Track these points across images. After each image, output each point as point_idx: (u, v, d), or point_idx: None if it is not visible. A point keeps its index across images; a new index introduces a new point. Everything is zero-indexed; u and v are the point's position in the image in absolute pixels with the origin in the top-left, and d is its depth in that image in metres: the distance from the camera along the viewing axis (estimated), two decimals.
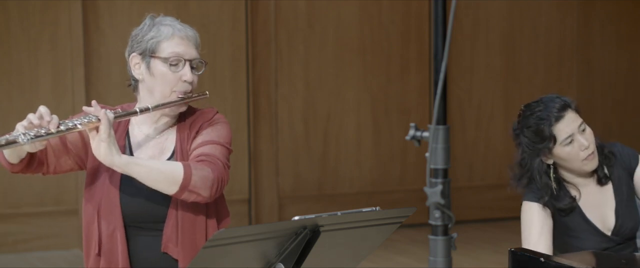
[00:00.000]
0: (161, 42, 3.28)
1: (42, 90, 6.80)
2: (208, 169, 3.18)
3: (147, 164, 3.16)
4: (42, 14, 6.77)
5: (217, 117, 3.40)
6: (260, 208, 7.36)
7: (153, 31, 3.31)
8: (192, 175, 3.14)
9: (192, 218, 3.27)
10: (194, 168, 3.16)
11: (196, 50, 3.34)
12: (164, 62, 3.27)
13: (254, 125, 7.31)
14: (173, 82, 3.28)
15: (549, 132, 3.63)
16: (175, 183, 3.15)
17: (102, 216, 3.29)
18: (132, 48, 3.33)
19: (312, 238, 2.78)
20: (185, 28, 3.33)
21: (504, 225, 7.73)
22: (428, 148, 2.23)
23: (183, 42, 3.30)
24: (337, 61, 7.46)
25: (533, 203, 3.68)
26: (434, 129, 2.21)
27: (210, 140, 3.29)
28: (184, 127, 3.37)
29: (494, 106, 7.90)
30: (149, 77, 3.30)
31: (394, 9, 7.55)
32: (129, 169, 3.14)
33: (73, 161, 3.33)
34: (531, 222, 3.67)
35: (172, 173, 3.14)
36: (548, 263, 3.17)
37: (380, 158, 7.62)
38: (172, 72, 3.28)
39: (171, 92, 3.29)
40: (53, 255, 6.75)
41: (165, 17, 3.37)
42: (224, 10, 7.16)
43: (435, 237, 2.25)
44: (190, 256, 3.25)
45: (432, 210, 2.23)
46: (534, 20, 7.90)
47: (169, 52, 3.27)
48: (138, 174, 3.15)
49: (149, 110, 3.25)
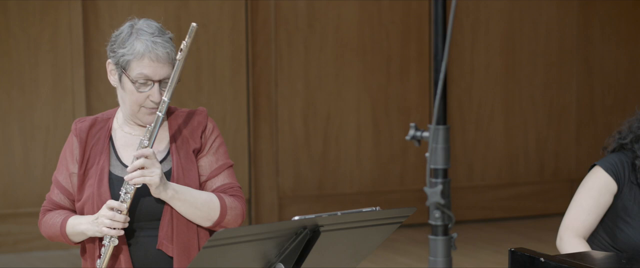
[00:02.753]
0: (131, 62, 3.25)
1: (42, 90, 6.80)
2: (239, 205, 3.35)
3: (191, 200, 3.27)
4: (42, 14, 6.77)
5: (211, 124, 3.43)
6: (260, 208, 7.36)
7: (127, 45, 3.27)
8: (226, 215, 3.30)
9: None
10: (229, 207, 3.31)
11: (168, 67, 3.27)
12: (132, 82, 3.27)
13: (254, 125, 7.31)
14: (141, 100, 3.29)
15: None
16: (210, 220, 3.31)
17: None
18: (108, 52, 3.34)
19: (312, 238, 2.78)
20: (157, 46, 3.26)
21: (504, 225, 7.73)
22: (428, 148, 2.23)
23: (152, 64, 3.25)
24: (337, 61, 7.46)
25: (605, 172, 3.66)
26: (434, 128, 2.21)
27: (224, 164, 3.40)
28: (175, 128, 3.39)
29: (494, 106, 7.90)
30: (120, 88, 3.34)
31: (394, 9, 7.55)
32: (173, 203, 3.27)
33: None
34: (593, 188, 3.66)
35: (209, 211, 3.29)
36: (548, 263, 3.17)
37: (380, 159, 7.62)
38: (138, 92, 3.27)
39: (139, 108, 3.30)
40: (53, 255, 6.75)
41: (145, 25, 3.30)
42: (224, 10, 7.16)
43: (435, 237, 2.25)
44: (184, 254, 3.27)
45: (432, 210, 2.23)
46: (534, 20, 7.90)
47: (137, 73, 3.25)
48: (179, 208, 3.27)
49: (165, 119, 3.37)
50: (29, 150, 6.70)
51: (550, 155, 8.04)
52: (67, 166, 3.41)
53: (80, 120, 3.44)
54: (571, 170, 8.06)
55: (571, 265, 3.18)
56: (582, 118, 8.07)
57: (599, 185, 3.65)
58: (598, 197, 3.64)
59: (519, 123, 7.96)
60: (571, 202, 3.68)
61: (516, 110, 7.95)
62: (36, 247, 6.77)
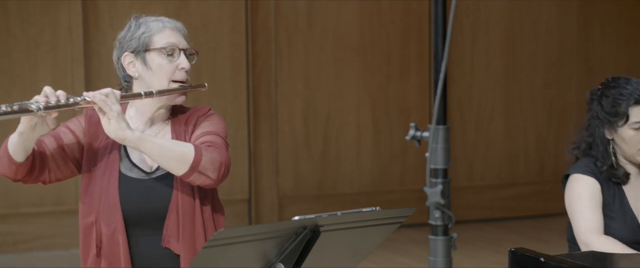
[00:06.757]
0: (153, 36, 3.34)
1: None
2: (216, 152, 3.23)
3: (159, 141, 3.20)
4: (42, 14, 6.77)
5: (211, 111, 3.45)
6: (260, 208, 7.36)
7: (142, 28, 3.37)
8: (202, 156, 3.18)
9: (191, 214, 3.29)
10: (204, 150, 3.21)
11: (187, 41, 3.40)
12: (160, 53, 3.32)
13: (254, 125, 7.31)
14: (170, 72, 3.33)
15: (625, 109, 3.70)
16: (186, 162, 3.18)
17: (101, 217, 3.29)
18: (122, 49, 3.38)
19: (312, 238, 2.78)
20: (172, 21, 3.41)
21: (504, 225, 7.73)
22: (428, 148, 2.23)
23: (174, 33, 3.37)
24: (337, 61, 7.46)
25: (584, 175, 3.72)
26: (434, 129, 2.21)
27: (209, 131, 3.34)
28: (179, 123, 3.40)
29: (494, 106, 7.90)
30: (145, 71, 3.33)
31: (394, 9, 7.55)
32: (141, 144, 3.17)
33: (72, 165, 3.34)
34: (582, 194, 3.71)
35: (182, 152, 3.18)
36: (548, 263, 3.17)
37: (380, 158, 7.62)
38: (169, 62, 3.33)
39: (169, 82, 3.34)
40: (53, 255, 6.75)
41: (148, 16, 3.44)
42: (224, 10, 7.16)
43: (435, 237, 2.25)
44: (190, 252, 3.26)
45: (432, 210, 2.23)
46: (534, 20, 7.90)
47: (164, 42, 3.33)
48: (150, 151, 3.18)
49: (152, 94, 3.28)
50: None
51: (550, 155, 8.04)
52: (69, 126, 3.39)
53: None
54: None
55: (571, 265, 3.18)
56: (582, 118, 8.06)
57: (586, 188, 3.72)
58: (591, 198, 3.69)
59: (519, 123, 7.96)
60: (570, 214, 3.72)
61: (516, 110, 7.95)
62: (36, 247, 6.77)
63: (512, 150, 7.97)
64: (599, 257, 3.51)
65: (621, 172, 3.73)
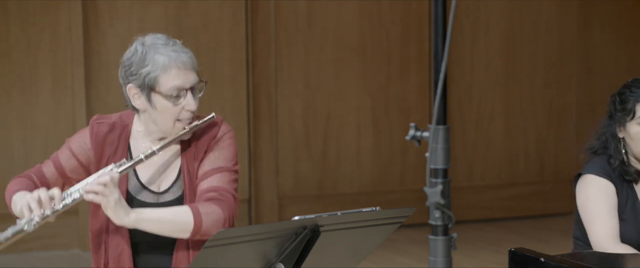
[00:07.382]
0: (159, 77, 3.17)
1: (42, 91, 6.79)
2: (218, 210, 3.16)
3: (157, 217, 3.14)
4: (42, 14, 6.77)
5: (221, 133, 3.31)
6: (260, 208, 7.36)
7: (148, 63, 3.18)
8: (202, 222, 3.13)
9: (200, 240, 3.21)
10: (204, 214, 3.13)
11: (194, 73, 3.24)
12: (165, 98, 3.19)
13: (254, 125, 7.31)
14: (176, 113, 3.21)
15: (632, 106, 3.72)
16: (186, 231, 3.14)
17: (110, 235, 3.26)
18: (127, 78, 3.23)
19: (312, 238, 2.78)
20: (179, 54, 3.21)
21: (504, 225, 7.73)
22: (428, 148, 2.23)
23: (181, 72, 3.20)
24: (337, 61, 7.46)
25: (599, 177, 3.72)
26: (434, 129, 2.21)
27: (217, 167, 3.24)
28: (188, 145, 3.31)
29: (494, 106, 7.89)
30: (151, 109, 3.22)
31: (394, 9, 7.55)
32: (139, 225, 3.13)
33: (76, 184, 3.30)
34: (600, 197, 3.70)
35: (181, 223, 3.13)
36: (548, 263, 3.17)
37: (380, 158, 7.62)
38: (174, 105, 3.20)
39: (175, 122, 3.22)
40: (53, 255, 6.75)
41: (155, 39, 3.24)
42: (224, 10, 7.15)
43: (435, 237, 2.25)
44: None
45: (432, 210, 2.23)
46: (534, 20, 7.90)
47: (170, 87, 3.18)
48: (150, 229, 3.14)
49: (154, 153, 3.20)
50: (29, 150, 6.70)
51: (550, 155, 8.03)
52: (72, 149, 3.32)
53: (99, 119, 3.35)
54: (571, 170, 8.05)
55: (571, 265, 3.18)
56: (582, 118, 8.07)
57: (602, 190, 3.70)
58: (607, 200, 3.69)
59: (519, 123, 7.96)
60: (585, 217, 3.71)
61: (516, 110, 7.94)
62: (36, 247, 6.77)
63: (512, 150, 7.97)
64: (599, 257, 3.51)
65: (632, 170, 3.73)
